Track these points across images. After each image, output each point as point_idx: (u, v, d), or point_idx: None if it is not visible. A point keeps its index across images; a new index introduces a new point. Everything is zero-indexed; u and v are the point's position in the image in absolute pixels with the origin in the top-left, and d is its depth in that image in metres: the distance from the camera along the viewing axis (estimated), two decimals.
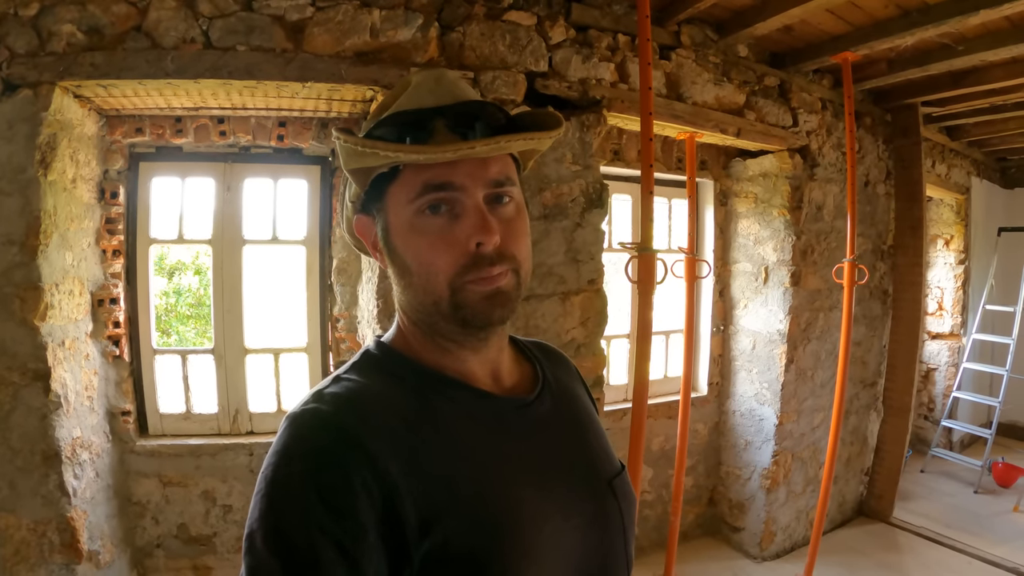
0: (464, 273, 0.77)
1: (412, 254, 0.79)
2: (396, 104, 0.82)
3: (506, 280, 0.79)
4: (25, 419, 2.26)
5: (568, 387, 1.01)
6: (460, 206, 0.77)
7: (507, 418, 0.86)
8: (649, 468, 3.89)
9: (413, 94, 0.81)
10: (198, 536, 2.81)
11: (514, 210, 0.82)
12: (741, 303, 4.14)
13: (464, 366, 0.85)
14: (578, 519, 0.83)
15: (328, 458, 0.69)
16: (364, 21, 2.45)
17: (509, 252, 0.79)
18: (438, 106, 0.79)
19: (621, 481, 0.93)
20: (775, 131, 3.61)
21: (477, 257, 0.77)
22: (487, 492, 0.76)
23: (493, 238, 0.76)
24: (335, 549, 0.64)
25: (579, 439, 0.94)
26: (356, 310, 2.96)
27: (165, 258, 8.27)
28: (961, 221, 5.93)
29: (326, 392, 0.77)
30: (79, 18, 2.23)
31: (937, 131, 5.12)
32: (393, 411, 0.77)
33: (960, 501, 5.02)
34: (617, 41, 2.98)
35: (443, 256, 0.77)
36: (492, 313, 0.79)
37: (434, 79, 0.83)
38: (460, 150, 0.74)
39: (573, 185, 2.79)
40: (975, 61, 3.43)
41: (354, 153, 0.77)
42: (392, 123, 0.79)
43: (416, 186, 0.77)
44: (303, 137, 2.85)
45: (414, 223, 0.78)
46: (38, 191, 2.21)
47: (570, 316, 2.79)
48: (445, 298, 0.78)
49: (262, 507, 0.67)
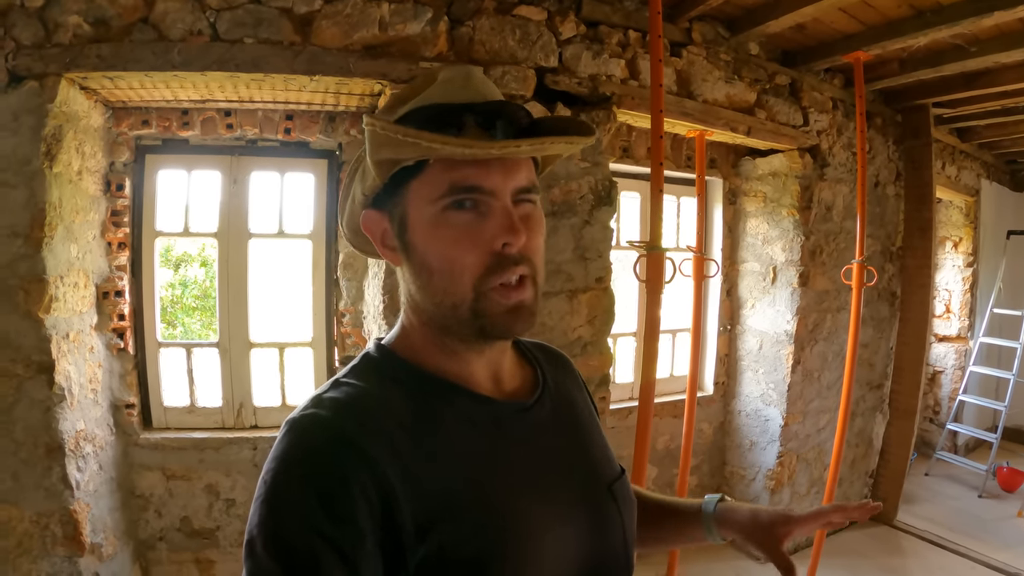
0: (488, 276, 0.76)
1: (435, 251, 0.77)
2: (421, 97, 0.79)
3: (527, 293, 0.79)
4: (29, 411, 2.25)
5: (569, 390, 1.00)
6: (486, 205, 0.76)
7: (507, 423, 0.85)
8: (654, 467, 3.88)
9: (442, 89, 0.79)
10: (201, 529, 2.81)
11: (535, 213, 0.81)
12: (748, 303, 4.12)
13: (466, 369, 0.84)
14: (577, 524, 0.83)
15: (327, 463, 0.68)
16: (373, 14, 2.43)
17: (528, 255, 0.78)
18: (469, 103, 0.77)
19: (621, 485, 0.93)
20: (785, 130, 3.59)
21: (502, 257, 0.76)
22: (485, 498, 0.75)
23: (521, 239, 0.76)
24: (334, 554, 0.64)
25: (579, 443, 0.94)
26: (362, 305, 2.95)
27: (171, 249, 8.26)
28: (970, 223, 5.91)
29: (325, 397, 0.77)
30: (86, 9, 2.21)
31: (948, 132, 5.09)
32: (392, 416, 0.76)
33: (964, 505, 5.01)
34: (628, 37, 2.96)
35: (469, 254, 0.75)
36: (514, 327, 0.79)
37: (464, 75, 0.80)
38: (507, 147, 0.72)
39: (582, 182, 2.77)
40: (988, 63, 3.40)
41: (389, 142, 0.73)
42: (421, 116, 0.76)
43: (443, 185, 0.75)
44: (310, 131, 2.83)
45: (439, 219, 0.76)
46: (43, 183, 2.20)
47: (577, 314, 2.78)
48: (467, 301, 0.77)
49: (262, 512, 0.67)
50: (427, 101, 0.78)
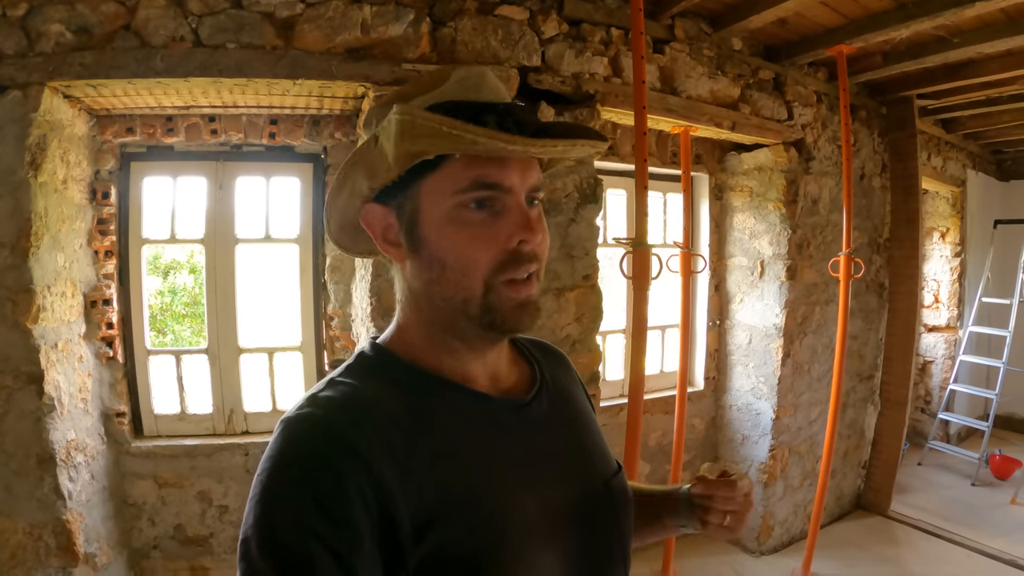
0: (500, 271, 0.77)
1: (449, 247, 0.77)
2: (435, 94, 0.78)
3: (534, 288, 0.81)
4: (19, 422, 2.25)
5: (566, 387, 1.01)
6: (502, 204, 0.77)
7: (504, 420, 0.85)
8: (646, 463, 3.89)
9: (458, 88, 0.79)
10: (195, 537, 2.81)
11: (540, 213, 0.83)
12: (737, 297, 4.13)
13: (464, 367, 0.84)
14: (575, 520, 0.83)
15: (322, 463, 0.68)
16: (355, 17, 2.43)
17: (539, 253, 0.81)
18: (489, 102, 0.78)
19: (618, 481, 0.93)
20: (770, 124, 3.60)
21: (516, 254, 0.77)
22: (483, 495, 0.75)
23: (536, 237, 0.78)
24: (329, 555, 0.63)
25: (576, 439, 0.94)
26: (350, 308, 2.95)
27: (160, 257, 8.24)
28: (957, 214, 5.94)
29: (320, 396, 0.76)
30: (68, 18, 2.20)
31: (933, 124, 5.12)
32: (387, 414, 0.75)
33: (957, 494, 5.04)
34: (610, 35, 2.97)
35: (484, 251, 0.77)
36: (522, 321, 0.80)
37: (478, 76, 0.81)
38: (545, 146, 0.75)
39: (567, 180, 2.78)
40: (971, 53, 3.42)
41: (427, 132, 0.72)
42: (449, 110, 0.74)
43: (464, 180, 0.76)
44: (295, 135, 2.83)
45: (455, 216, 0.77)
46: (28, 192, 2.19)
47: (565, 312, 2.78)
48: (477, 296, 0.78)
49: (256, 513, 0.67)
50: (442, 98, 0.77)
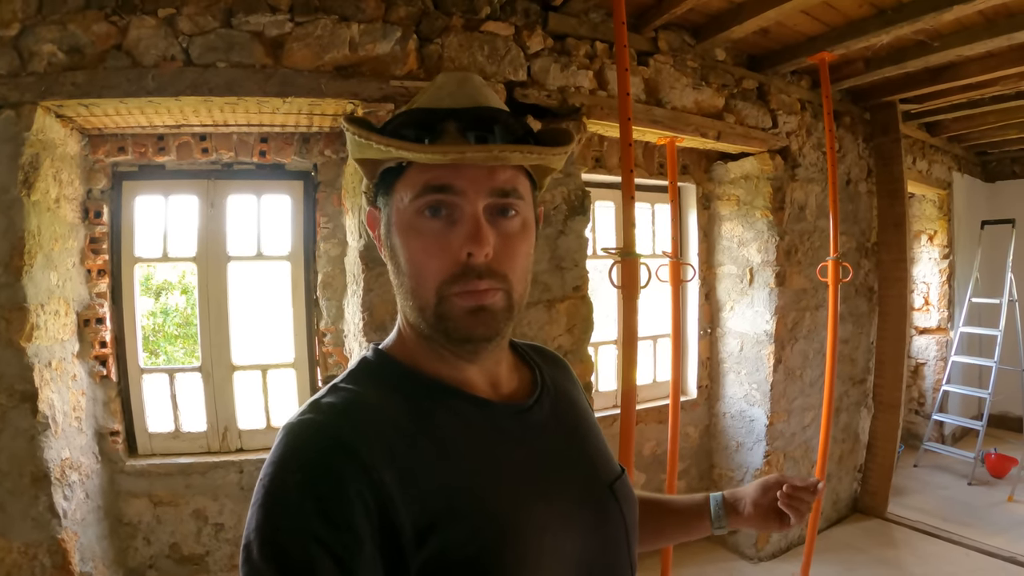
0: (452, 283, 0.76)
1: (406, 254, 0.78)
2: (415, 100, 0.82)
3: (493, 299, 0.78)
4: (13, 441, 2.25)
5: (567, 391, 1.01)
6: (459, 212, 0.76)
7: (505, 425, 0.85)
8: (641, 473, 3.89)
9: (433, 93, 0.81)
10: (190, 555, 2.79)
11: (518, 226, 0.81)
12: (727, 305, 4.16)
13: (462, 374, 0.84)
14: (579, 524, 0.83)
15: (323, 469, 0.68)
16: (343, 35, 2.46)
17: (501, 270, 0.78)
18: (453, 108, 0.78)
19: (622, 484, 0.93)
20: (755, 133, 3.65)
21: (466, 267, 0.75)
22: (485, 500, 0.75)
23: (484, 249, 0.75)
24: (331, 560, 0.63)
25: (578, 443, 0.94)
26: (342, 324, 2.96)
27: (151, 278, 8.21)
28: (944, 216, 5.99)
29: (322, 402, 0.77)
30: (60, 38, 2.23)
31: (917, 128, 5.18)
32: (389, 420, 0.76)
33: (954, 493, 5.06)
34: (595, 49, 3.01)
35: (434, 261, 0.76)
36: (474, 330, 0.78)
37: (456, 81, 0.82)
38: (448, 153, 0.73)
39: (555, 192, 2.81)
40: (951, 57, 3.48)
41: (355, 143, 0.78)
42: (405, 119, 0.78)
43: (418, 185, 0.76)
44: (285, 152, 2.86)
45: (412, 223, 0.77)
46: (21, 211, 2.21)
47: (556, 323, 2.80)
48: (431, 306, 0.77)
49: (258, 518, 0.67)
50: (418, 105, 0.80)
